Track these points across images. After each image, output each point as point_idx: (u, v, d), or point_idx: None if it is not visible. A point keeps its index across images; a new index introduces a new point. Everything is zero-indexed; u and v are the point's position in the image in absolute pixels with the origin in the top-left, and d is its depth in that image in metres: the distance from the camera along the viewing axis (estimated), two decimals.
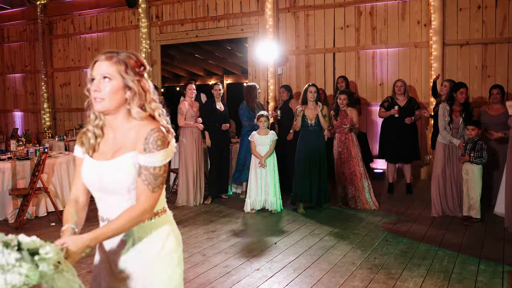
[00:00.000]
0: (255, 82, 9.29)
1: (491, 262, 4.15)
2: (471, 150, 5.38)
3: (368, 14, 8.33)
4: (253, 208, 6.11)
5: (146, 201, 1.72)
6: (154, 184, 1.72)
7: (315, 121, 6.07)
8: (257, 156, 6.07)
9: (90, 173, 1.80)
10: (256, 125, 6.63)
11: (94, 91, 1.73)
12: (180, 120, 6.52)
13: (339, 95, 6.39)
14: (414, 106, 6.84)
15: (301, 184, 6.07)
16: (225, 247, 4.72)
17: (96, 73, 1.74)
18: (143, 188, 1.72)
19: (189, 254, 4.53)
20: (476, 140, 5.38)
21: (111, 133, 1.82)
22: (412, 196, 6.85)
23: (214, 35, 9.69)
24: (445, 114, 5.77)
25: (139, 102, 1.77)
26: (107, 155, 1.79)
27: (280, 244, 4.77)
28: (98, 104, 1.74)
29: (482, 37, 7.56)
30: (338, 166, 6.33)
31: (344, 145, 6.29)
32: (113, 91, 1.73)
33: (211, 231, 5.31)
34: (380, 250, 4.52)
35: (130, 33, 10.72)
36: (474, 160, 5.33)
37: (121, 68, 1.73)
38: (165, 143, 1.74)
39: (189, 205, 6.53)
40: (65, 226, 1.79)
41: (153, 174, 1.72)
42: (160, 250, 1.83)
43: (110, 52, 1.76)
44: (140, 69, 1.79)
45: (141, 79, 1.78)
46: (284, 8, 8.94)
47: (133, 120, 1.78)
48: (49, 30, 11.85)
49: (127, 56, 1.76)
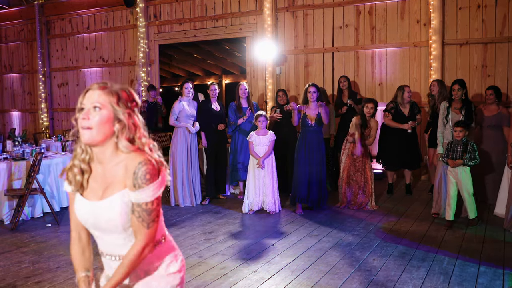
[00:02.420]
0: (253, 82, 9.27)
1: (491, 263, 4.09)
2: (462, 152, 5.20)
3: (367, 13, 8.27)
4: (251, 209, 6.06)
5: (143, 239, 1.71)
6: (148, 219, 1.70)
7: (315, 121, 6.00)
8: (255, 157, 6.01)
9: (83, 213, 1.77)
10: (238, 126, 6.59)
11: (82, 119, 1.68)
12: (170, 120, 6.48)
13: (367, 104, 6.19)
14: (415, 110, 6.75)
15: (300, 185, 6.01)
16: (222, 249, 4.67)
17: (86, 102, 1.69)
18: (138, 226, 1.70)
19: (186, 255, 4.47)
20: (466, 141, 5.22)
21: (99, 168, 1.75)
22: (411, 197, 6.80)
23: (212, 35, 9.64)
24: (444, 111, 5.72)
25: (127, 136, 1.72)
26: (98, 193, 1.74)
27: (278, 246, 4.72)
28: (85, 134, 1.68)
29: (482, 36, 7.51)
30: (351, 173, 6.19)
31: (358, 156, 6.20)
32: (102, 121, 1.67)
33: (209, 232, 5.26)
34: (379, 252, 4.47)
35: (128, 32, 10.67)
36: (467, 163, 5.17)
37: (113, 99, 1.69)
38: (155, 175, 1.69)
39: (180, 205, 6.47)
40: (78, 274, 1.83)
41: (146, 210, 1.69)
42: (163, 272, 1.84)
43: (103, 82, 1.73)
44: (132, 103, 1.75)
45: (131, 113, 1.74)
46: (282, 7, 8.89)
47: (121, 154, 1.72)
48: (47, 29, 11.80)
49: (120, 89, 1.73)
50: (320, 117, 5.98)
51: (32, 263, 4.34)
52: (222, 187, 6.95)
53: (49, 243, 4.95)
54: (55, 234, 5.34)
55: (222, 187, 6.95)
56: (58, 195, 6.40)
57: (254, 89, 9.25)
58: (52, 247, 4.80)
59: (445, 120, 5.71)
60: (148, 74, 10.31)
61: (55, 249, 4.75)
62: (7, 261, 4.42)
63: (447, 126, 5.71)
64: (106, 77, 11.08)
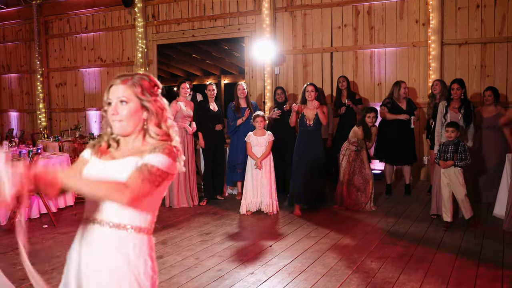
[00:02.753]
0: (252, 82, 9.23)
1: (490, 265, 4.06)
2: (453, 153, 5.14)
3: (366, 13, 8.24)
4: (249, 210, 6.02)
5: (130, 184, 1.64)
6: (146, 176, 1.66)
7: (313, 121, 5.95)
8: (253, 158, 5.97)
9: (92, 172, 1.79)
10: (238, 127, 6.56)
11: (112, 114, 1.77)
12: None
13: (368, 114, 6.15)
14: (412, 107, 6.75)
15: (298, 186, 5.98)
16: (219, 250, 4.63)
17: (112, 97, 1.79)
18: (134, 175, 1.67)
19: (182, 257, 4.44)
20: (457, 142, 5.16)
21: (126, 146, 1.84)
22: (410, 197, 6.77)
23: (211, 35, 9.60)
24: (442, 110, 5.69)
25: (155, 121, 1.81)
26: (115, 157, 1.82)
27: (275, 247, 4.68)
28: (117, 127, 1.78)
29: (481, 36, 7.48)
30: (349, 174, 6.14)
31: (357, 155, 6.14)
32: (131, 113, 1.77)
33: (206, 233, 5.22)
34: (377, 253, 4.43)
35: (127, 32, 10.63)
36: (458, 164, 5.11)
37: (137, 90, 1.78)
38: (172, 155, 1.74)
39: (175, 207, 6.42)
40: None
41: (149, 170, 1.68)
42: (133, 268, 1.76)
43: (124, 75, 1.81)
44: (154, 89, 1.84)
45: (156, 98, 1.83)
46: (281, 7, 8.85)
47: (150, 140, 1.81)
48: (45, 29, 11.76)
49: (140, 78, 1.81)
50: (318, 117, 5.94)
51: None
52: (220, 188, 6.92)
53: (45, 245, 4.92)
54: (52, 235, 5.30)
55: (220, 188, 6.92)
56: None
57: (253, 89, 9.22)
58: (48, 249, 4.77)
59: (443, 119, 5.68)
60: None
61: (51, 250, 4.71)
62: (2, 262, 4.38)
63: (445, 125, 5.67)
64: (104, 77, 11.04)
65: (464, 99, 5.65)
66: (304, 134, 6.01)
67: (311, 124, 5.95)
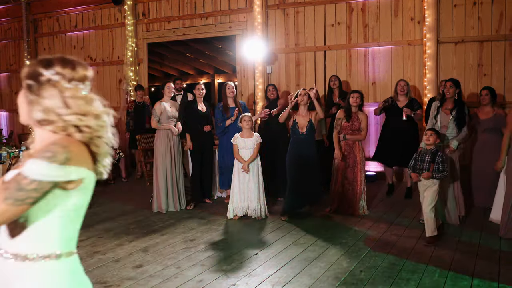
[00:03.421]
0: (244, 81, 9.02)
1: (486, 276, 3.84)
2: (430, 163, 4.71)
3: (360, 10, 8.02)
4: (236, 214, 5.80)
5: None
6: (12, 194, 1.28)
7: (306, 129, 5.64)
8: (240, 161, 5.74)
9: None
10: (227, 127, 6.34)
11: None
12: (152, 122, 6.22)
13: (353, 94, 5.89)
14: (414, 107, 6.52)
15: (292, 199, 5.71)
16: (202, 258, 4.42)
17: None
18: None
19: (163, 266, 4.22)
20: (435, 151, 4.74)
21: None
22: (408, 201, 6.52)
23: (202, 33, 9.37)
24: (434, 111, 5.47)
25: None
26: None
27: (260, 255, 4.46)
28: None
29: (477, 34, 7.26)
30: (341, 169, 5.91)
31: (351, 149, 5.90)
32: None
33: (190, 240, 5.00)
34: (367, 263, 4.22)
35: (116, 31, 10.40)
36: (435, 176, 4.67)
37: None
38: (59, 158, 1.33)
39: (162, 211, 6.21)
40: None
41: (18, 183, 1.30)
42: None
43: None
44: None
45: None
46: (273, 4, 8.63)
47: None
48: (34, 28, 11.52)
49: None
50: (312, 124, 5.67)
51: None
52: (208, 191, 6.71)
53: None
54: None
55: (208, 191, 6.71)
56: None
57: (245, 89, 9.00)
58: None
59: (433, 120, 5.46)
60: (137, 74, 10.04)
61: None
62: None
63: (435, 126, 5.46)
64: (94, 76, 10.76)
65: (458, 100, 5.42)
66: (296, 144, 5.72)
67: (304, 132, 5.66)
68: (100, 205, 6.85)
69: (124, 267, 4.21)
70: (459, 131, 5.35)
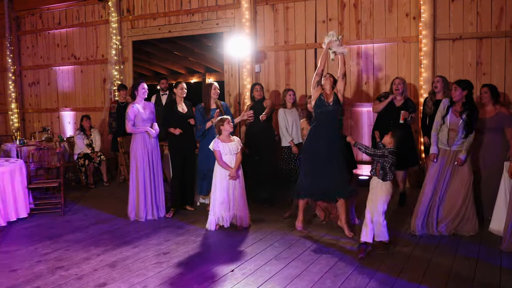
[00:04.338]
0: (231, 80, 8.61)
1: None
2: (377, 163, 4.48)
3: (352, 6, 7.60)
4: (220, 224, 5.38)
5: None
6: None
7: (333, 100, 5.16)
8: (227, 168, 5.28)
9: None
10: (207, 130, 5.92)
11: None
12: (126, 126, 5.77)
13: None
14: (410, 108, 6.10)
15: (311, 183, 5.12)
16: (173, 276, 4.01)
17: None
18: None
19: (128, 285, 3.81)
20: (387, 153, 4.43)
21: None
22: (403, 209, 6.10)
23: (188, 30, 8.95)
24: (443, 110, 5.03)
25: None
26: None
27: (237, 272, 4.05)
28: None
29: (476, 30, 6.84)
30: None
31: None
32: None
33: (163, 253, 4.59)
34: (354, 281, 3.80)
35: (101, 28, 9.98)
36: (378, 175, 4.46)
37: None
38: None
39: (140, 219, 5.80)
40: None
41: None
42: None
43: None
44: None
45: None
46: (262, 0, 8.21)
47: None
48: (17, 25, 11.09)
49: None
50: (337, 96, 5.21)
51: None
52: (189, 198, 6.30)
53: None
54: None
55: (189, 197, 6.30)
56: (3, 208, 5.72)
57: (232, 88, 8.59)
58: None
59: (441, 120, 5.02)
60: (121, 73, 9.62)
61: None
62: None
63: (443, 127, 5.03)
64: (78, 76, 10.39)
65: (468, 103, 4.96)
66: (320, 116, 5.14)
67: (330, 102, 5.13)
68: (75, 212, 6.45)
69: (86, 287, 3.80)
70: (465, 137, 4.93)
